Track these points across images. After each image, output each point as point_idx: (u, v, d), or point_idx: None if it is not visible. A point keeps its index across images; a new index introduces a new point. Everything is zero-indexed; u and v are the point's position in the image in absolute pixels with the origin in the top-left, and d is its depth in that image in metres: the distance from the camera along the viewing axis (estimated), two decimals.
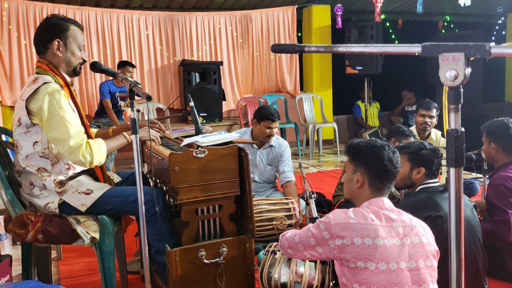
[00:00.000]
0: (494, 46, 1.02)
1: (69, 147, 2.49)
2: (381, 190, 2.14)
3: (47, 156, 2.58)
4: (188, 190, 2.59)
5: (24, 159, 2.59)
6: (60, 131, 2.49)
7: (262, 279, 2.69)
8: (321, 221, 2.05)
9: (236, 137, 2.87)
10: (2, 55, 6.99)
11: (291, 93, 9.35)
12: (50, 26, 2.66)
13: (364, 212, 2.03)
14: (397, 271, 1.92)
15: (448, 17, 11.31)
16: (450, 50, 1.08)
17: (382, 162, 2.12)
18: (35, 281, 2.08)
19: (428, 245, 2.01)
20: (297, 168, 6.06)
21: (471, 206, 2.90)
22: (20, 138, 2.59)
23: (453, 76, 1.07)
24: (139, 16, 8.00)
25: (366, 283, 1.93)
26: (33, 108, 2.50)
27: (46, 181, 2.59)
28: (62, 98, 2.52)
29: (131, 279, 3.35)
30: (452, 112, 1.11)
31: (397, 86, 10.20)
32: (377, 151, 2.14)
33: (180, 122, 8.23)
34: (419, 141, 2.99)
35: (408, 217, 2.06)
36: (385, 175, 2.13)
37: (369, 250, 1.93)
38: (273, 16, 9.06)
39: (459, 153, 1.10)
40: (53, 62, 2.68)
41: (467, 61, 1.06)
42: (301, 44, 1.36)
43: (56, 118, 2.48)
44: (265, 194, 4.43)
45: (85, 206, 2.61)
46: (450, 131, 1.11)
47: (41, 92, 2.49)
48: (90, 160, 2.54)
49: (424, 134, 4.75)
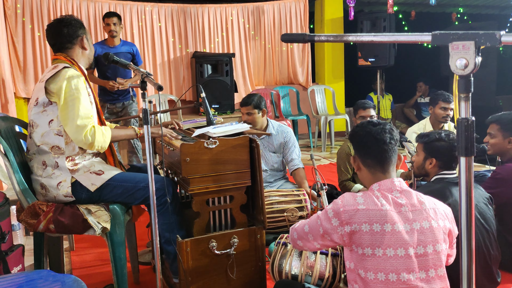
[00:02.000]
0: (504, 35, 1.02)
1: (76, 126, 2.56)
2: (384, 171, 2.09)
3: (61, 134, 2.64)
4: (199, 181, 2.60)
5: (39, 137, 2.65)
6: (72, 110, 2.57)
7: (273, 271, 2.69)
8: (330, 208, 2.02)
9: (247, 128, 2.87)
10: (16, 47, 7.03)
11: (303, 85, 9.32)
12: (72, 25, 2.81)
13: (374, 196, 2.00)
14: (404, 257, 1.90)
15: (462, 8, 11.19)
16: (460, 38, 1.07)
17: (371, 139, 2.08)
18: (46, 271, 2.10)
19: (438, 230, 1.96)
20: (308, 160, 6.05)
21: (486, 198, 2.88)
22: (36, 118, 2.66)
23: (463, 64, 1.06)
24: (152, 8, 8.01)
25: (373, 269, 1.92)
26: (53, 88, 2.61)
27: (59, 158, 2.65)
28: (80, 82, 2.63)
29: (143, 269, 3.37)
30: (462, 101, 1.10)
31: (410, 78, 10.12)
32: (367, 131, 2.10)
33: (191, 114, 8.24)
34: (437, 132, 2.95)
35: (419, 199, 2.01)
36: (378, 152, 2.08)
37: (377, 237, 1.91)
38: (285, 8, 9.02)
39: (469, 142, 1.09)
40: (75, 57, 2.82)
41: (477, 49, 1.05)
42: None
43: (71, 98, 2.58)
44: (276, 185, 4.43)
45: (95, 186, 2.65)
46: (461, 120, 1.10)
47: (61, 75, 2.61)
48: (91, 141, 2.60)
49: (439, 126, 4.72)
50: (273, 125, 4.48)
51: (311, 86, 9.10)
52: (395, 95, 9.86)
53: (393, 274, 1.91)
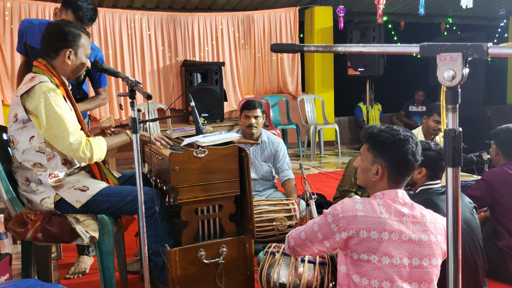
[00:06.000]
0: (491, 47, 1.03)
1: (69, 144, 2.51)
2: (398, 183, 2.06)
3: (43, 151, 2.58)
4: (188, 190, 2.59)
5: (20, 154, 2.60)
6: (58, 128, 2.51)
7: (261, 280, 2.69)
8: (329, 213, 2.00)
9: (237, 137, 2.87)
10: (4, 55, 6.99)
11: (292, 94, 9.35)
12: (63, 34, 2.68)
13: (375, 203, 1.98)
14: (399, 266, 1.91)
15: (451, 19, 11.31)
16: (447, 50, 1.08)
17: (406, 157, 2.02)
18: (34, 280, 2.08)
19: (436, 244, 1.97)
20: (298, 169, 6.07)
21: (471, 207, 2.90)
22: (16, 134, 2.59)
23: (450, 76, 1.07)
24: (141, 16, 8.01)
25: (367, 275, 1.92)
26: (29, 106, 2.52)
27: (42, 176, 2.59)
28: (58, 96, 2.54)
29: (131, 279, 3.35)
30: (449, 112, 1.11)
31: (399, 88, 10.20)
32: (402, 145, 2.02)
33: (181, 122, 8.24)
34: (426, 141, 2.96)
35: (421, 212, 2.00)
36: (406, 169, 2.04)
37: (374, 244, 1.91)
38: (275, 17, 9.06)
39: (456, 152, 1.10)
40: (58, 67, 2.70)
41: (464, 61, 1.06)
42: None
43: (53, 116, 2.50)
44: (265, 194, 4.43)
45: (80, 203, 2.61)
46: (448, 131, 1.11)
47: (36, 91, 2.51)
48: (90, 156, 2.57)
49: (430, 137, 4.74)
50: (265, 134, 4.50)
51: (300, 95, 9.14)
52: (384, 104, 9.93)
53: (387, 282, 1.91)
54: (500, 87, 11.51)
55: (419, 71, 10.33)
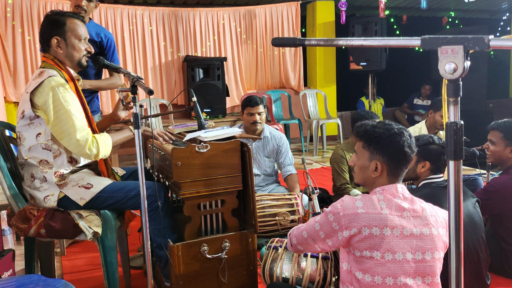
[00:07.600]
0: (493, 39, 1.02)
1: (76, 141, 2.51)
2: (398, 177, 2.06)
3: (49, 148, 2.59)
4: (190, 185, 2.59)
5: (26, 151, 2.60)
6: (66, 124, 2.51)
7: (264, 274, 2.69)
8: (330, 211, 2.00)
9: (239, 132, 2.87)
10: (6, 51, 7.00)
11: (295, 89, 9.34)
12: (48, 23, 2.68)
13: (375, 199, 1.98)
14: (402, 262, 1.90)
15: (453, 13, 11.27)
16: (449, 43, 1.07)
17: (403, 150, 2.02)
18: (37, 275, 2.08)
19: (438, 237, 1.96)
20: (300, 164, 6.06)
21: (474, 201, 2.89)
22: (23, 130, 2.60)
23: (452, 69, 1.07)
24: (143, 12, 8.00)
25: (370, 272, 1.92)
26: (37, 101, 2.52)
27: (47, 173, 2.60)
28: (66, 91, 2.54)
29: (134, 274, 3.35)
30: (451, 105, 1.11)
31: (401, 82, 10.17)
32: (398, 138, 2.02)
33: (183, 118, 8.24)
34: (429, 135, 2.95)
35: (421, 205, 2.00)
36: (404, 162, 2.04)
37: (376, 240, 1.90)
38: (277, 12, 9.04)
39: (458, 145, 1.10)
40: (57, 57, 2.69)
41: (466, 54, 1.05)
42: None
43: (61, 112, 2.50)
44: (268, 189, 4.43)
45: (84, 200, 2.62)
46: (449, 124, 1.11)
47: (45, 85, 2.50)
48: (96, 153, 2.57)
49: (434, 132, 4.73)
50: (267, 129, 4.50)
51: (303, 90, 9.13)
52: (386, 99, 9.91)
53: (390, 278, 1.90)
54: (503, 80, 11.47)
55: (422, 65, 10.30)
